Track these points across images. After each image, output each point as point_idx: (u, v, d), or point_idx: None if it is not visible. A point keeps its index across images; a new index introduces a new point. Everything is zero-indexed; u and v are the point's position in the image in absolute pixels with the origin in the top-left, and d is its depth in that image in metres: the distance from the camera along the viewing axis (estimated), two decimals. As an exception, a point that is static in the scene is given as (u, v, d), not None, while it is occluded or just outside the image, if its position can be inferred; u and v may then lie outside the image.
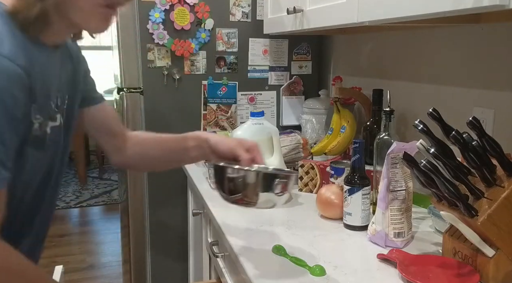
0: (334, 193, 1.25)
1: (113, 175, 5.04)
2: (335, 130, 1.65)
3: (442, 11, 0.86)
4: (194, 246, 1.89)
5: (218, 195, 0.97)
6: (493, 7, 0.75)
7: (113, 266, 3.07)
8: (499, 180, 0.90)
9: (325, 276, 0.95)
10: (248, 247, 1.10)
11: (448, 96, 1.38)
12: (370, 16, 1.10)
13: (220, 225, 1.23)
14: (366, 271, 0.97)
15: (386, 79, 1.68)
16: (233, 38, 1.94)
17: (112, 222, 3.81)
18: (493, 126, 1.22)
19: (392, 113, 1.25)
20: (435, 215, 1.15)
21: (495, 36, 1.21)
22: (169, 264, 2.03)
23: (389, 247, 1.06)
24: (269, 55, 2.01)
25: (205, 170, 1.67)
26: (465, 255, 0.94)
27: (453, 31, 1.35)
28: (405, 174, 1.08)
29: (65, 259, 3.10)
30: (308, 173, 1.48)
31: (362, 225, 1.16)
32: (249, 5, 1.93)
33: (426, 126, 0.93)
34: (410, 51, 1.55)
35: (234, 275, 1.20)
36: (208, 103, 1.95)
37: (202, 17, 1.87)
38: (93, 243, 3.49)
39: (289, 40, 2.02)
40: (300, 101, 2.06)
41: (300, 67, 2.07)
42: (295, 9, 1.47)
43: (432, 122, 0.92)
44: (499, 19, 1.14)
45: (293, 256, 1.03)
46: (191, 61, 1.91)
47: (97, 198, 4.39)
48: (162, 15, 1.81)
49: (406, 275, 0.90)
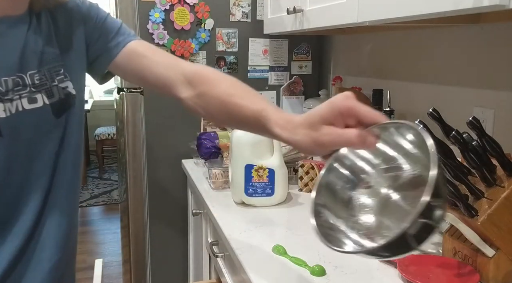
0: (334, 193, 1.25)
1: (113, 175, 5.04)
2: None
3: (442, 11, 0.86)
4: (194, 246, 1.89)
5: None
6: (493, 7, 0.75)
7: (113, 266, 3.07)
8: (499, 180, 0.90)
9: (325, 276, 0.95)
10: (248, 247, 1.10)
11: (448, 96, 1.38)
12: (370, 16, 1.10)
13: (220, 225, 1.22)
14: (366, 271, 0.97)
15: (386, 79, 1.68)
16: (233, 38, 1.94)
17: (112, 222, 3.81)
18: (493, 126, 1.22)
19: (392, 113, 1.25)
20: (435, 215, 1.14)
21: (495, 36, 1.21)
22: (169, 264, 2.03)
23: (389, 247, 1.06)
24: (269, 55, 2.01)
25: (205, 170, 1.67)
26: (465, 255, 0.94)
27: (453, 31, 1.35)
28: (405, 174, 1.08)
29: (65, 259, 3.10)
30: (308, 173, 1.48)
31: (362, 225, 1.16)
32: (249, 5, 1.93)
33: (426, 126, 0.93)
34: (410, 51, 1.55)
35: (234, 275, 1.20)
36: (208, 103, 1.95)
37: (202, 17, 1.87)
38: (93, 243, 3.49)
39: (289, 40, 2.02)
40: (300, 101, 2.06)
41: (300, 67, 2.07)
42: (295, 9, 1.47)
43: (432, 122, 0.92)
44: (499, 19, 1.14)
45: (293, 256, 1.03)
46: (191, 61, 1.91)
47: (97, 198, 4.39)
48: (162, 15, 1.81)
49: (406, 275, 0.90)
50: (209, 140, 1.70)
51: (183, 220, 1.99)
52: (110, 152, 5.36)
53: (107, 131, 4.94)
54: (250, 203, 1.36)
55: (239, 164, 1.35)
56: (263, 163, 1.34)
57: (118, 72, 0.93)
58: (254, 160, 1.34)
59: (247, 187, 1.34)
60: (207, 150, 1.69)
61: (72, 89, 0.83)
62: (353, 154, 0.65)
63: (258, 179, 1.34)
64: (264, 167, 1.34)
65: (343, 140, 0.60)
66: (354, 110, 0.61)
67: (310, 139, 0.64)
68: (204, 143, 1.70)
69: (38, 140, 0.79)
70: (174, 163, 1.93)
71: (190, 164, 1.85)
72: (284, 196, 1.40)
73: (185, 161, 1.90)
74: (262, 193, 1.35)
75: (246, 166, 1.34)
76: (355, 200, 0.64)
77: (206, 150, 1.69)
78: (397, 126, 0.60)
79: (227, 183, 1.52)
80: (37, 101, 0.78)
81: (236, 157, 1.36)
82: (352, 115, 0.61)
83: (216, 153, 1.67)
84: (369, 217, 0.63)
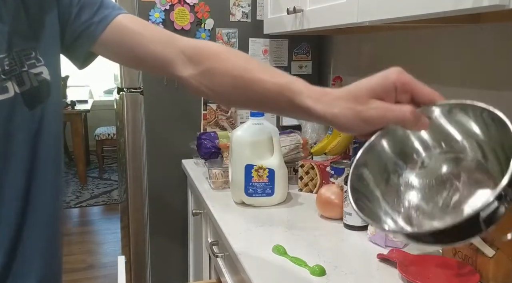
0: (334, 193, 1.25)
1: (113, 175, 5.04)
2: (335, 130, 1.65)
3: (442, 11, 0.86)
4: (194, 246, 1.89)
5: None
6: (493, 7, 0.75)
7: (113, 266, 3.07)
8: (499, 180, 0.90)
9: (325, 276, 0.94)
10: (248, 247, 1.10)
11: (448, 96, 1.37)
12: (370, 16, 1.10)
13: (220, 225, 1.22)
14: (366, 271, 0.97)
15: (386, 79, 1.68)
16: (233, 38, 1.94)
17: (112, 222, 3.81)
18: (493, 126, 1.22)
19: (392, 113, 1.25)
20: (435, 215, 1.14)
21: (495, 36, 1.21)
22: (169, 264, 2.03)
23: (389, 247, 1.06)
24: (269, 55, 2.01)
25: (205, 170, 1.67)
26: (465, 255, 0.94)
27: (453, 31, 1.35)
28: (405, 174, 1.08)
29: (65, 259, 3.08)
30: (308, 173, 1.48)
31: (362, 225, 1.16)
32: (249, 5, 1.93)
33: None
34: (410, 51, 1.55)
35: (234, 275, 1.20)
36: (208, 103, 1.95)
37: (202, 17, 1.87)
38: (93, 243, 3.49)
39: (289, 40, 2.02)
40: (300, 101, 2.06)
41: (300, 67, 2.07)
42: (295, 9, 1.47)
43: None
44: (499, 19, 1.14)
45: (293, 256, 1.03)
46: (191, 61, 1.90)
47: (97, 198, 4.39)
48: (162, 15, 1.81)
49: (406, 275, 0.90)
50: (209, 140, 1.70)
51: (183, 220, 1.98)
52: (110, 152, 5.36)
53: (107, 131, 4.94)
54: (250, 203, 1.36)
55: (239, 164, 1.35)
56: (263, 163, 1.34)
57: (104, 52, 0.80)
58: (254, 160, 1.34)
59: (247, 187, 1.34)
60: (207, 150, 1.69)
61: (47, 75, 0.72)
62: (403, 131, 0.58)
63: (258, 179, 1.34)
64: (264, 167, 1.34)
65: (395, 116, 0.54)
66: (410, 86, 0.55)
67: (352, 113, 0.56)
68: (204, 143, 1.70)
69: (10, 136, 0.69)
70: (174, 163, 1.93)
71: (190, 164, 1.85)
72: (284, 196, 1.40)
73: (185, 161, 1.90)
74: (262, 193, 1.35)
75: (246, 166, 1.34)
76: (401, 178, 0.59)
77: (206, 150, 1.69)
78: (462, 106, 0.55)
79: (227, 183, 1.52)
80: (8, 90, 0.67)
81: (236, 157, 1.36)
82: (407, 91, 0.55)
83: (216, 153, 1.68)
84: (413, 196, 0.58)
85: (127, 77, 1.85)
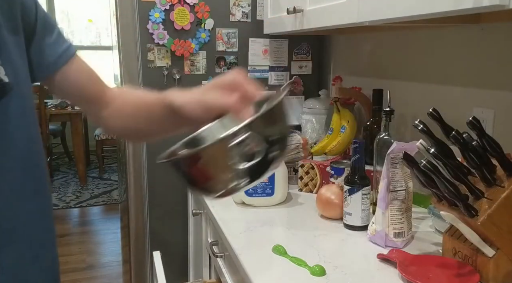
0: (334, 193, 1.25)
1: (113, 175, 5.04)
2: (335, 130, 1.65)
3: (442, 11, 0.86)
4: (194, 246, 1.89)
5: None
6: (493, 7, 0.75)
7: (113, 266, 3.07)
8: (499, 180, 0.90)
9: (325, 276, 0.95)
10: (248, 247, 1.10)
11: (448, 96, 1.38)
12: (370, 16, 1.10)
13: (220, 225, 1.23)
14: (366, 271, 0.97)
15: (386, 79, 1.68)
16: (233, 38, 1.94)
17: (112, 222, 3.81)
18: (493, 126, 1.22)
19: (392, 113, 1.25)
20: (435, 215, 1.15)
21: (495, 36, 1.21)
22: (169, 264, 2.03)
23: (389, 247, 1.06)
24: (269, 55, 2.01)
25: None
26: (465, 255, 0.94)
27: (453, 31, 1.35)
28: (405, 174, 1.08)
29: (65, 259, 3.10)
30: (308, 173, 1.48)
31: (362, 225, 1.16)
32: (249, 5, 1.93)
33: (426, 126, 0.93)
34: (410, 51, 1.55)
35: (234, 275, 1.20)
36: (208, 103, 1.95)
37: (202, 17, 1.87)
38: (93, 243, 3.49)
39: (289, 40, 2.02)
40: (300, 101, 2.06)
41: (300, 67, 2.07)
42: (295, 9, 1.47)
43: (432, 122, 0.92)
44: (499, 19, 1.14)
45: (293, 256, 1.03)
46: (191, 61, 1.91)
47: (97, 198, 4.39)
48: (162, 15, 1.81)
49: (406, 275, 0.90)
50: (209, 140, 1.70)
51: (183, 220, 1.98)
52: (110, 152, 5.36)
53: (107, 131, 4.94)
54: (250, 203, 1.36)
55: (239, 164, 1.35)
56: (263, 163, 1.34)
57: (53, 84, 0.78)
58: (254, 160, 1.34)
59: (247, 187, 1.34)
60: (207, 150, 1.68)
61: (4, 76, 0.63)
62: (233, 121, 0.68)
63: (258, 179, 1.34)
64: (264, 167, 1.34)
65: (223, 103, 0.65)
66: (240, 83, 0.67)
67: (195, 101, 0.69)
68: (204, 142, 1.69)
69: None
70: (174, 163, 1.93)
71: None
72: (284, 196, 1.40)
73: (185, 161, 1.90)
74: (262, 193, 1.35)
75: (246, 166, 1.34)
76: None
77: (206, 150, 1.68)
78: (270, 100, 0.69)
79: (227, 183, 1.52)
80: None
81: (236, 157, 1.36)
82: (238, 88, 0.67)
83: (216, 153, 1.67)
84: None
85: (127, 77, 1.85)
